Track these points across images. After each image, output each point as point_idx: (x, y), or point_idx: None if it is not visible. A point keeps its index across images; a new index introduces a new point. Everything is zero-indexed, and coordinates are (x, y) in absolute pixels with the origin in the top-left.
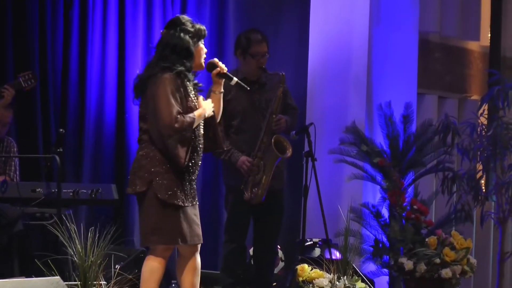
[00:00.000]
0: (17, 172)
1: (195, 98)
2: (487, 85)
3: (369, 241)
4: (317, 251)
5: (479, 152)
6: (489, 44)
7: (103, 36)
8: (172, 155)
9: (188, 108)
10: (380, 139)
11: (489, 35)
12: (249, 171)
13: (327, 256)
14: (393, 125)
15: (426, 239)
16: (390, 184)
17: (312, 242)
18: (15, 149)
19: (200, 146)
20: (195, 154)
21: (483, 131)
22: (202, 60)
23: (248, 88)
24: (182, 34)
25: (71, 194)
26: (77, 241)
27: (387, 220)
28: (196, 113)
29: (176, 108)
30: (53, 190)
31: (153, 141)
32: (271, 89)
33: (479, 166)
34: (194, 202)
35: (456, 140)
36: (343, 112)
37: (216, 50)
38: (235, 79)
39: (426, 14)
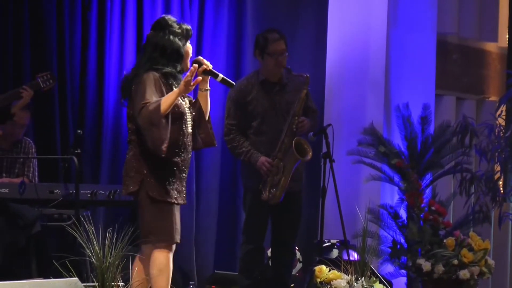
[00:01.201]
0: (36, 173)
1: (182, 98)
2: (505, 86)
3: (387, 242)
4: (335, 252)
5: (497, 154)
6: (507, 45)
7: (121, 37)
8: (150, 144)
9: (175, 107)
10: (398, 141)
11: (507, 36)
12: (268, 171)
13: (345, 257)
14: (411, 126)
15: (444, 240)
16: (408, 185)
17: (330, 243)
18: (33, 150)
19: (189, 143)
20: (183, 150)
21: (501, 132)
22: (188, 60)
23: (233, 83)
24: (171, 37)
25: (89, 195)
26: (95, 242)
27: (405, 221)
28: (163, 98)
29: (147, 99)
30: (71, 191)
31: (142, 141)
32: (292, 91)
33: (497, 167)
34: (184, 201)
35: (474, 141)
36: (361, 114)
37: (234, 52)
38: (221, 75)
39: (444, 16)
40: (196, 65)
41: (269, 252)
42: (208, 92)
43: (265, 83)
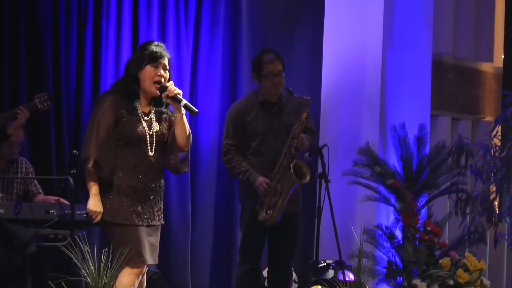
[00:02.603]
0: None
1: (145, 122)
2: (501, 106)
3: (382, 263)
4: (330, 273)
5: (492, 174)
6: (502, 65)
7: (117, 56)
8: None
9: (125, 128)
10: (393, 161)
11: (503, 56)
12: (266, 192)
13: (341, 277)
14: (406, 146)
15: (440, 261)
16: (403, 205)
17: (325, 264)
18: (32, 169)
19: (153, 166)
20: (143, 174)
21: (497, 153)
22: (151, 84)
23: (197, 111)
24: (132, 58)
25: (84, 215)
26: (90, 262)
27: (401, 242)
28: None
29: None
30: (66, 212)
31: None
32: (292, 112)
33: (493, 188)
34: (151, 223)
35: (469, 161)
36: (356, 134)
37: (230, 72)
38: (184, 101)
39: (439, 36)
40: (165, 92)
41: (265, 272)
42: (181, 117)
43: (265, 104)
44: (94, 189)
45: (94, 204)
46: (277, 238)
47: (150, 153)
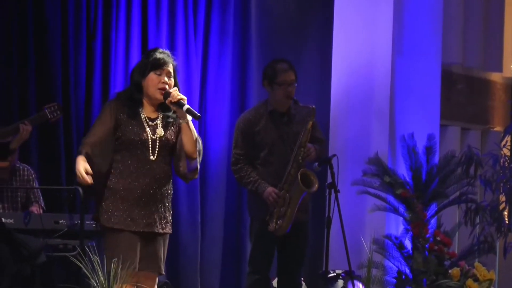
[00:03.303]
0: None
1: (149, 127)
2: (510, 116)
3: (392, 273)
4: (340, 283)
5: (502, 184)
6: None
7: (126, 66)
8: None
9: (125, 132)
10: (403, 171)
11: None
12: (275, 202)
13: (350, 287)
14: (416, 156)
15: (449, 271)
16: (413, 215)
17: (335, 274)
18: (34, 176)
19: (154, 171)
20: (140, 178)
21: (506, 163)
22: (155, 91)
23: (199, 115)
24: (137, 66)
25: (94, 225)
26: (100, 272)
27: (410, 252)
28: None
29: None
30: (76, 222)
31: None
32: (301, 122)
33: (502, 198)
34: (150, 230)
35: (479, 171)
36: (365, 144)
37: (239, 82)
38: (186, 106)
39: (448, 45)
40: (169, 98)
41: (274, 282)
42: (187, 124)
43: (274, 114)
44: (80, 157)
45: (79, 163)
46: (286, 248)
47: (152, 158)
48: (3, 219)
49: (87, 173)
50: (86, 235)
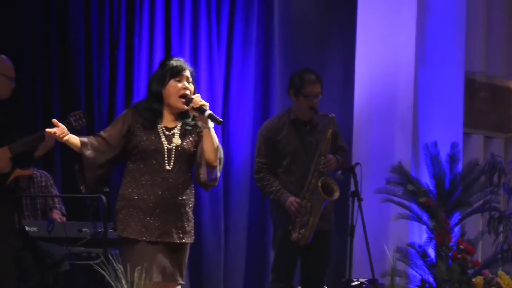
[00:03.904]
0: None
1: (165, 137)
2: None
3: (415, 281)
4: None
5: None
6: None
7: (149, 75)
8: None
9: (139, 141)
10: (426, 179)
11: None
12: (297, 212)
13: None
14: (439, 164)
15: (473, 279)
16: (436, 224)
17: (358, 282)
18: (51, 181)
19: (170, 180)
20: (154, 187)
21: None
22: (177, 99)
23: (221, 120)
24: (153, 77)
25: (117, 234)
26: (123, 281)
27: (434, 260)
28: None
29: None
30: (99, 230)
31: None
32: (323, 131)
33: None
34: (166, 239)
35: (502, 179)
36: (389, 152)
37: (262, 90)
38: (208, 111)
39: (471, 54)
40: (191, 104)
41: None
42: (209, 131)
43: (296, 122)
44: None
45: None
46: (309, 256)
47: (168, 167)
48: (26, 228)
49: (62, 133)
50: (109, 243)
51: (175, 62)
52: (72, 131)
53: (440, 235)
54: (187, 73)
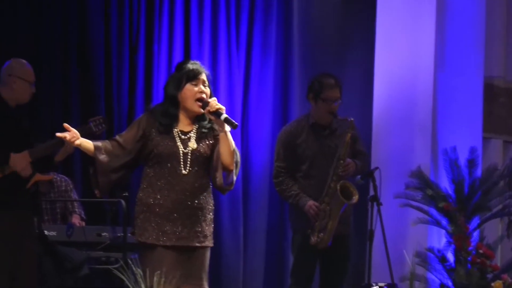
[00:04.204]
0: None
1: (180, 141)
2: None
3: (434, 286)
4: None
5: None
6: None
7: None
8: None
9: (157, 147)
10: (445, 184)
11: None
12: (316, 215)
13: None
14: (458, 169)
15: (492, 284)
16: (455, 228)
17: (377, 287)
18: (71, 186)
19: (185, 184)
20: (169, 191)
21: None
22: (193, 103)
23: (236, 124)
24: (170, 80)
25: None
26: (142, 285)
27: (453, 265)
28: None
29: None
30: (118, 234)
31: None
32: (342, 135)
33: None
34: (185, 244)
35: None
36: (408, 157)
37: (281, 94)
38: (224, 115)
39: (490, 59)
40: (207, 108)
41: None
42: (225, 134)
43: (315, 127)
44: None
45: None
46: (328, 261)
47: (184, 172)
48: (46, 232)
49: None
50: (128, 248)
51: (191, 65)
52: (92, 136)
53: (459, 239)
54: (204, 76)
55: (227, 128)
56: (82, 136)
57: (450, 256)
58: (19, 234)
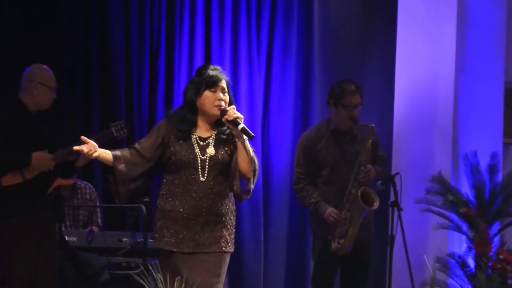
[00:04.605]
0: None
1: (199, 147)
2: None
3: None
4: None
5: None
6: None
7: None
8: None
9: (176, 154)
10: (466, 189)
11: None
12: (336, 222)
13: None
14: (479, 175)
15: None
16: (476, 234)
17: None
18: (95, 194)
19: (202, 191)
20: (186, 199)
21: None
22: (212, 107)
23: (253, 135)
24: (189, 85)
25: (151, 240)
26: None
27: (473, 270)
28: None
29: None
30: (139, 240)
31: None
32: (362, 141)
33: None
34: (203, 250)
35: None
36: (429, 162)
37: (302, 100)
38: (242, 125)
39: (511, 64)
40: (225, 117)
41: None
42: (243, 143)
43: (336, 132)
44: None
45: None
46: (349, 267)
47: (202, 178)
48: (66, 237)
49: (90, 150)
50: (149, 253)
51: (211, 71)
52: (113, 141)
53: (480, 245)
54: (223, 83)
55: (245, 136)
56: (103, 141)
57: (471, 262)
58: (40, 239)
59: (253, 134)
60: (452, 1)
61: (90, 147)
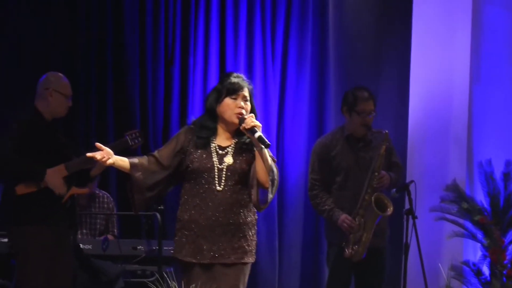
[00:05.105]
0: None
1: (217, 156)
2: None
3: None
4: None
5: None
6: None
7: (204, 92)
8: None
9: (193, 162)
10: (480, 197)
11: None
12: (350, 228)
13: None
14: (493, 183)
15: None
16: (491, 242)
17: None
18: (112, 204)
19: (218, 200)
20: (203, 208)
21: None
22: (232, 114)
23: (269, 143)
24: (212, 92)
25: (172, 251)
26: None
27: (488, 278)
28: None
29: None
30: (154, 248)
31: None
32: (377, 147)
33: None
34: (221, 261)
35: None
36: (443, 170)
37: (316, 107)
38: (258, 133)
39: None
40: (243, 125)
41: None
42: (260, 152)
43: (350, 139)
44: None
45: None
46: (363, 274)
47: (219, 188)
48: (81, 245)
49: (104, 157)
50: (164, 261)
51: (233, 78)
52: (128, 150)
53: (494, 253)
54: (245, 91)
55: (262, 144)
56: (118, 149)
57: (486, 270)
58: (55, 248)
59: (269, 142)
60: (467, 9)
61: (104, 154)
